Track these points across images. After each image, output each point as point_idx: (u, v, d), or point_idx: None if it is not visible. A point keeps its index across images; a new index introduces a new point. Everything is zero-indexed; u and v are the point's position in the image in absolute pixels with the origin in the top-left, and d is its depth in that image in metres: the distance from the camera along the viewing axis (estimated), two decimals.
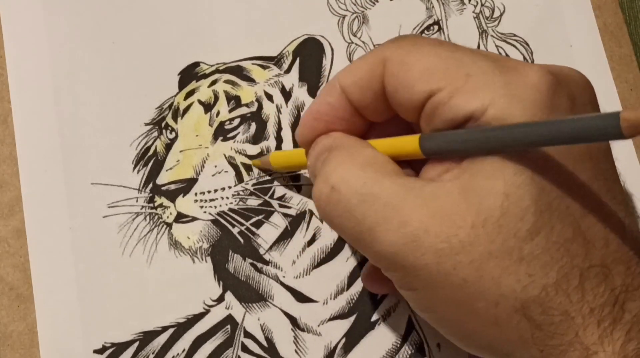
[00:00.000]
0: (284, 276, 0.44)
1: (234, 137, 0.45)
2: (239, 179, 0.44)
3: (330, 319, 0.44)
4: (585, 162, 0.32)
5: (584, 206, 0.32)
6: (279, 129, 0.45)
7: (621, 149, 0.42)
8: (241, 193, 0.44)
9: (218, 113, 0.45)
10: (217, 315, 0.43)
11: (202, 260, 0.44)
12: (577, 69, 0.35)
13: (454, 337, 0.35)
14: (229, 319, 0.43)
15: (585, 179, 0.32)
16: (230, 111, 0.45)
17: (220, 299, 0.43)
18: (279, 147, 0.45)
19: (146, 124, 0.45)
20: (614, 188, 0.34)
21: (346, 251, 0.44)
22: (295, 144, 0.45)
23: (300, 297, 0.44)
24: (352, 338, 0.43)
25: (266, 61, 0.46)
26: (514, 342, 0.32)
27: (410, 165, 0.36)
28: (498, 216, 0.31)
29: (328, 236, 0.44)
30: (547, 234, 0.31)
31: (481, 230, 0.31)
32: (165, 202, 0.44)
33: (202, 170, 0.44)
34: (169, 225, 0.44)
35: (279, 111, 0.45)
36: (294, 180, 0.44)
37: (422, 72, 0.34)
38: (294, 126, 0.45)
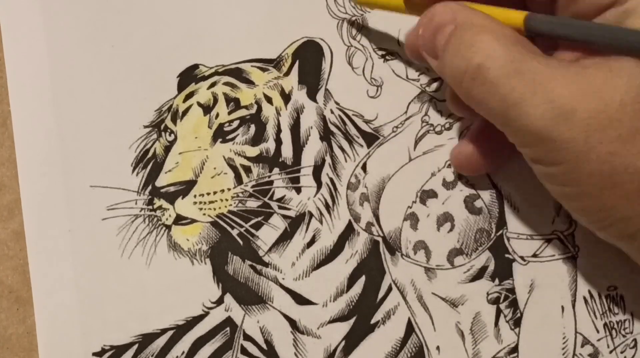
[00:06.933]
0: (283, 278, 0.44)
1: (233, 139, 0.45)
2: (238, 181, 0.44)
3: (330, 322, 0.43)
4: None
5: None
6: (279, 131, 0.45)
7: None
8: (240, 194, 0.44)
9: (217, 115, 0.45)
10: (216, 317, 0.43)
11: (201, 261, 0.44)
12: None
13: (586, 212, 0.36)
14: (228, 321, 0.43)
15: None
16: (229, 113, 0.45)
17: (220, 301, 0.43)
18: (278, 149, 0.45)
19: (145, 127, 0.45)
20: None
21: (346, 253, 0.44)
22: (296, 147, 0.45)
23: (300, 299, 0.43)
24: (352, 341, 0.43)
25: (265, 63, 0.46)
26: None
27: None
28: None
29: (327, 238, 0.44)
30: None
31: (630, 107, 0.33)
32: (165, 204, 0.44)
33: (201, 172, 0.44)
34: (168, 227, 0.44)
35: (278, 113, 0.45)
36: (293, 182, 0.44)
37: None
38: (293, 128, 0.45)
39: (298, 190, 0.44)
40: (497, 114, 0.35)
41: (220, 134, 0.45)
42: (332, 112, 0.45)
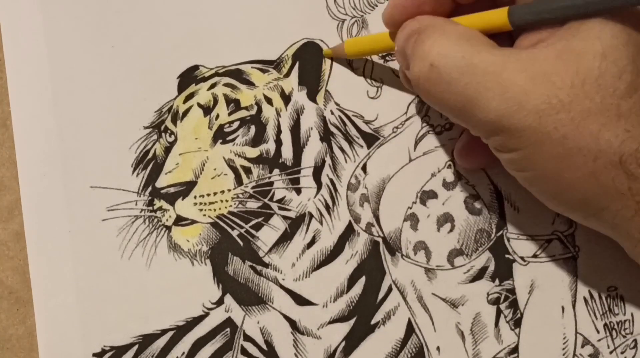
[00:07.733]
0: (283, 279, 0.44)
1: (233, 140, 0.45)
2: (238, 182, 0.44)
3: (330, 322, 0.43)
4: None
5: None
6: (279, 132, 0.45)
7: None
8: (240, 195, 0.44)
9: (217, 116, 0.45)
10: (216, 318, 0.43)
11: (202, 262, 0.44)
12: None
13: (548, 194, 0.36)
14: (229, 322, 0.43)
15: None
16: (229, 114, 0.45)
17: (220, 302, 0.43)
18: (278, 150, 0.45)
19: (145, 128, 0.45)
20: None
21: (346, 253, 0.44)
22: (296, 148, 0.45)
23: (300, 300, 0.43)
24: (352, 341, 0.43)
25: (266, 64, 0.46)
26: (610, 195, 0.34)
27: (498, 43, 0.37)
28: (597, 75, 0.33)
29: (327, 239, 0.44)
30: None
31: (580, 89, 0.33)
32: (165, 205, 0.44)
33: (201, 173, 0.44)
34: (168, 228, 0.44)
35: (278, 114, 0.45)
36: (294, 183, 0.44)
37: None
38: (293, 129, 0.45)
39: (298, 191, 0.44)
40: (457, 112, 0.36)
41: (221, 135, 0.45)
42: (332, 113, 0.45)
